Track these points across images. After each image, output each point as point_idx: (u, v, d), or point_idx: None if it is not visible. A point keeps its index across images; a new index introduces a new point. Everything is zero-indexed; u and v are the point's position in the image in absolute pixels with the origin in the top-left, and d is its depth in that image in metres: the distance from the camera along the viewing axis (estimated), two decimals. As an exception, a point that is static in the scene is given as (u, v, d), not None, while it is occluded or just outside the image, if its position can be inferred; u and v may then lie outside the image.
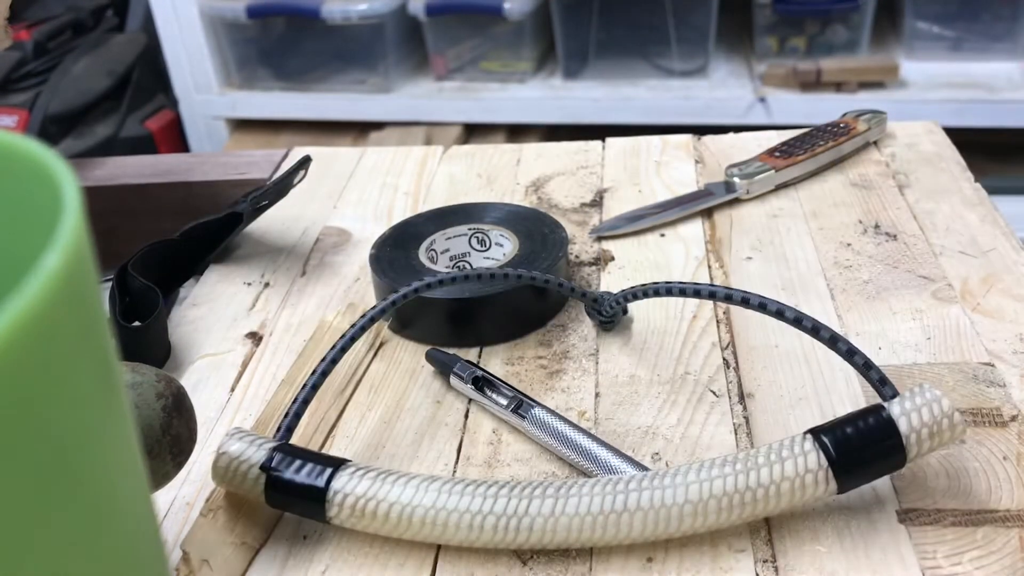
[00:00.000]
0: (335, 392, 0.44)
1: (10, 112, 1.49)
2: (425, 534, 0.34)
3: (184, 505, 0.38)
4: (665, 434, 0.39)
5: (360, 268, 0.54)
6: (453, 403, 0.43)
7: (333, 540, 0.36)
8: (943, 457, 0.37)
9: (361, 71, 1.53)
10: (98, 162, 0.67)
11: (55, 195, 0.18)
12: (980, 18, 1.38)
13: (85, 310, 0.17)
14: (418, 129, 1.52)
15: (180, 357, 0.48)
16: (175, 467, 0.33)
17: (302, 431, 0.41)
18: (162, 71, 1.64)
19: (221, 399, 0.44)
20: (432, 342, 0.46)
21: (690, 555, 0.34)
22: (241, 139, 1.62)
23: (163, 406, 0.32)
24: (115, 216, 0.64)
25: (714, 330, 0.46)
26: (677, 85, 1.44)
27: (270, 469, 0.35)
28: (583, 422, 0.41)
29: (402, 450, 0.40)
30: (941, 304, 0.46)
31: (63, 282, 0.16)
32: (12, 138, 0.19)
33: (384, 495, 0.34)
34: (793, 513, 0.35)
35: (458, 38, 1.50)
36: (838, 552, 0.33)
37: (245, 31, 1.54)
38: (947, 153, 0.60)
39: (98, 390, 0.18)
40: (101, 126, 1.56)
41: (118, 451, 0.19)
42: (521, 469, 0.39)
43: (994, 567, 0.32)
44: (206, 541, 0.36)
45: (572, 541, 0.33)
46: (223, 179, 0.64)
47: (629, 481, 0.33)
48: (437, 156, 0.67)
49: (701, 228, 0.55)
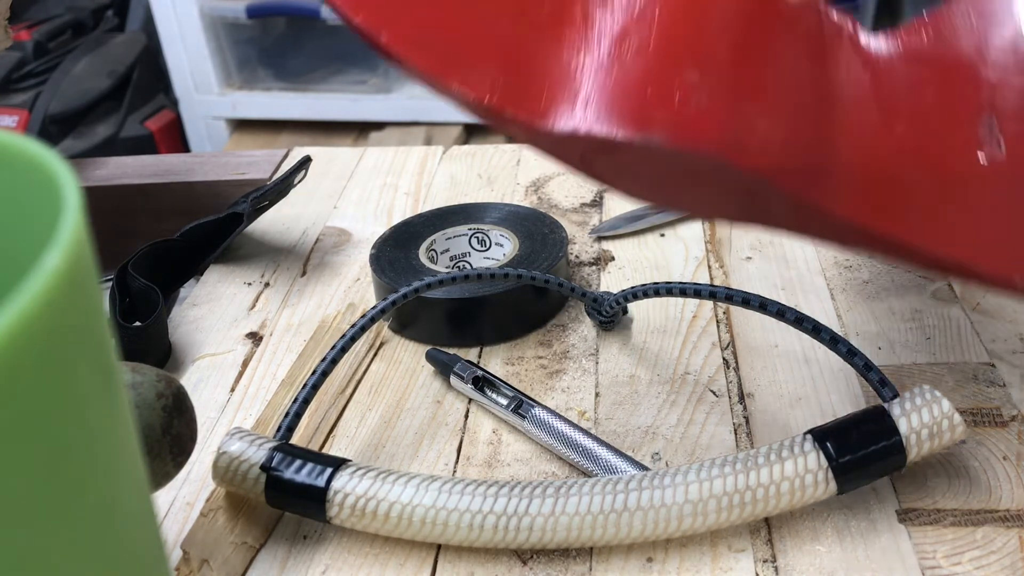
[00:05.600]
0: (335, 392, 0.44)
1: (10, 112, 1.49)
2: (425, 534, 0.34)
3: (184, 505, 0.38)
4: (665, 434, 0.39)
5: (360, 268, 0.54)
6: (453, 403, 0.43)
7: (333, 540, 0.36)
8: (943, 457, 0.37)
9: (361, 71, 1.53)
10: (98, 162, 0.67)
11: (55, 195, 0.18)
12: (980, 18, 1.38)
13: (85, 310, 0.17)
14: (418, 129, 1.53)
15: (180, 357, 0.48)
16: (175, 467, 0.33)
17: (302, 431, 0.41)
18: (162, 71, 1.64)
19: (221, 399, 0.44)
20: (432, 342, 0.46)
21: (690, 555, 0.34)
22: (241, 139, 1.62)
23: (163, 406, 0.32)
24: (115, 216, 0.64)
25: (714, 330, 0.46)
26: (677, 85, 1.43)
27: (270, 469, 0.35)
28: (583, 422, 0.41)
29: (402, 450, 0.40)
30: (941, 304, 0.46)
31: (63, 282, 0.16)
32: (12, 138, 0.19)
33: (384, 495, 0.34)
34: (793, 513, 0.35)
35: (458, 38, 1.50)
36: (838, 552, 0.33)
37: (245, 31, 1.54)
38: (947, 153, 0.60)
39: (98, 390, 0.18)
40: (101, 126, 1.56)
41: (118, 451, 0.19)
42: (521, 469, 0.39)
43: (994, 567, 0.32)
44: (206, 541, 0.36)
45: (572, 541, 0.33)
46: (223, 179, 0.64)
47: (629, 481, 0.33)
48: (437, 156, 0.67)
49: (701, 228, 0.55)
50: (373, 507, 0.34)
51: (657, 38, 0.28)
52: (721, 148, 0.27)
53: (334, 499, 0.34)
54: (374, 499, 0.34)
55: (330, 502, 0.34)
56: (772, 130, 0.28)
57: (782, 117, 0.28)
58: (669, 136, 0.27)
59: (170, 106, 1.65)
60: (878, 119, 0.30)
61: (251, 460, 0.35)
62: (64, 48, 1.60)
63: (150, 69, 1.64)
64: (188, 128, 1.65)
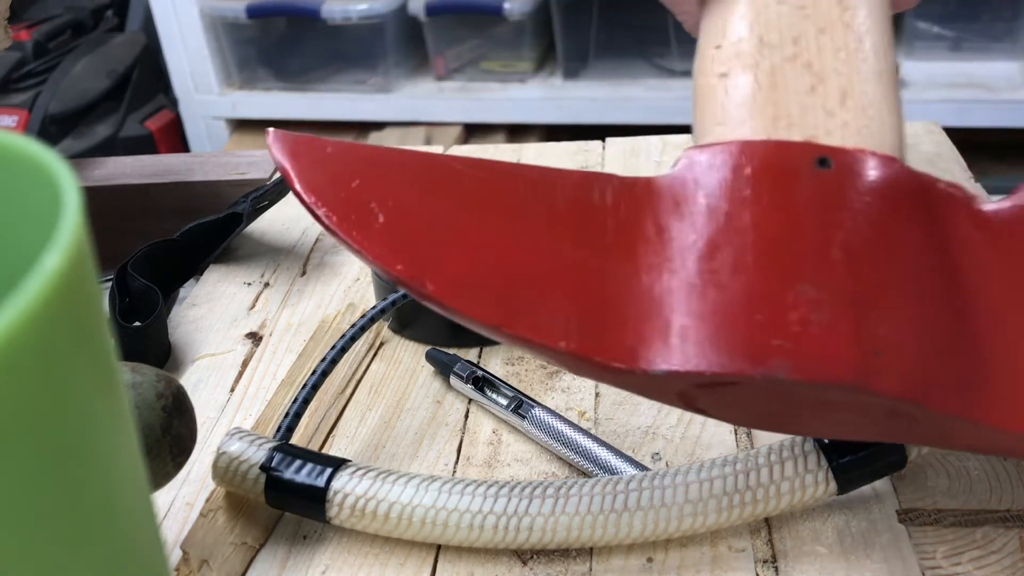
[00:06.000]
0: (335, 392, 0.44)
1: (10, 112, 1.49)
2: (425, 534, 0.34)
3: (184, 505, 0.38)
4: (665, 434, 0.39)
5: (360, 268, 0.54)
6: (453, 403, 0.43)
7: (333, 540, 0.36)
8: (943, 457, 0.37)
9: (361, 71, 1.53)
10: (98, 162, 0.67)
11: (55, 195, 0.18)
12: (980, 18, 1.38)
13: (85, 310, 0.17)
14: (418, 129, 1.52)
15: (180, 357, 0.48)
16: (175, 467, 0.33)
17: (302, 431, 0.41)
18: (162, 71, 1.64)
19: (221, 399, 0.44)
20: (432, 342, 0.46)
21: (690, 555, 0.34)
22: (241, 139, 1.62)
23: (163, 406, 0.32)
24: (115, 216, 0.63)
25: (714, 330, 0.46)
26: (677, 85, 1.44)
27: (270, 469, 0.35)
28: (583, 422, 0.41)
29: (402, 450, 0.40)
30: (941, 304, 0.46)
31: (63, 282, 0.16)
32: (12, 138, 0.19)
33: (384, 495, 0.34)
34: (793, 513, 0.35)
35: (458, 38, 1.50)
36: (838, 552, 0.33)
37: (245, 31, 1.54)
38: (947, 153, 0.60)
39: (98, 390, 0.18)
40: (101, 126, 1.56)
41: (118, 451, 0.19)
42: (521, 469, 0.39)
43: (994, 567, 0.32)
44: (206, 541, 0.36)
45: (572, 541, 0.33)
46: (223, 179, 0.64)
47: (629, 481, 0.33)
48: (437, 156, 0.67)
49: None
50: (373, 507, 0.34)
51: (756, 249, 0.24)
52: (858, 375, 0.23)
53: (334, 499, 0.34)
54: (374, 499, 0.34)
55: (330, 502, 0.34)
56: (911, 340, 0.24)
57: (918, 322, 0.24)
58: (793, 367, 0.23)
59: (170, 106, 1.65)
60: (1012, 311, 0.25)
61: (251, 460, 0.35)
62: (64, 48, 1.59)
63: (150, 69, 1.64)
64: (188, 128, 1.65)
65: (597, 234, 0.26)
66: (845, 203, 0.25)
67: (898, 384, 0.23)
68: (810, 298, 0.23)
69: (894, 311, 0.24)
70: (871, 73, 0.27)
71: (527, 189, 0.27)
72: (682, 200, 0.26)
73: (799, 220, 0.24)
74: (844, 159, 0.25)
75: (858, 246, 0.24)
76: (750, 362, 0.23)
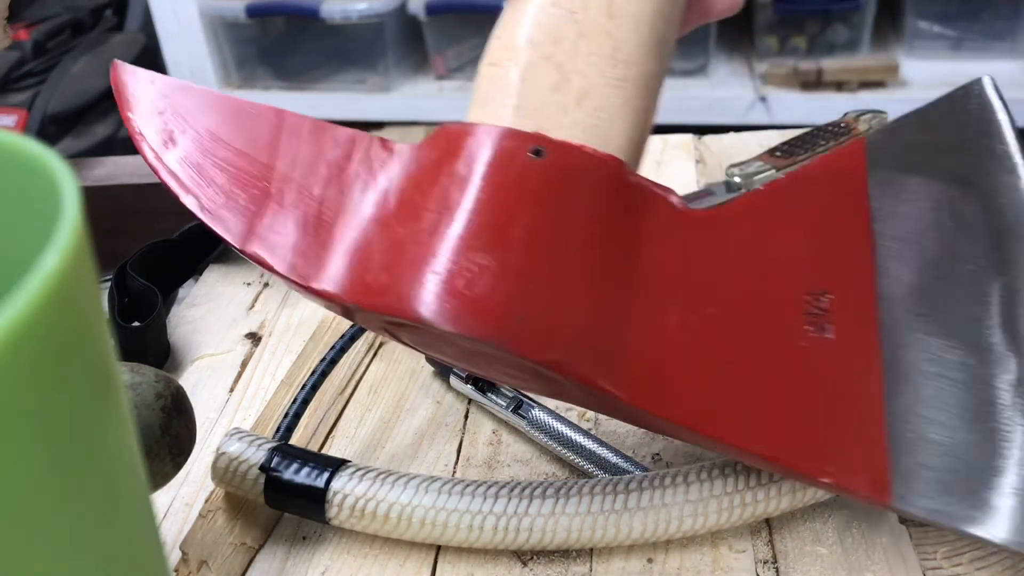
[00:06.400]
0: (335, 392, 0.43)
1: (9, 112, 1.49)
2: (425, 534, 0.34)
3: (184, 505, 0.38)
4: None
5: (360, 268, 0.54)
6: (453, 403, 0.43)
7: (333, 540, 0.36)
8: (944, 457, 0.37)
9: (361, 71, 1.53)
10: (98, 162, 0.67)
11: (54, 195, 0.18)
12: (981, 17, 1.38)
13: (84, 310, 0.17)
14: (418, 129, 1.52)
15: (179, 357, 0.48)
16: (174, 467, 0.33)
17: (302, 431, 0.41)
18: (161, 70, 1.64)
19: (220, 399, 0.44)
20: (432, 342, 0.46)
21: (690, 555, 0.34)
22: (241, 139, 1.61)
23: (162, 406, 0.32)
24: (115, 216, 0.63)
25: (714, 330, 0.46)
26: (677, 85, 1.44)
27: (270, 470, 0.35)
28: (583, 422, 0.40)
29: (402, 450, 0.40)
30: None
31: (62, 282, 0.16)
32: (11, 138, 0.19)
33: (384, 496, 0.34)
34: (793, 514, 0.35)
35: (458, 38, 1.50)
36: (839, 553, 0.33)
37: (245, 31, 1.54)
38: (947, 153, 0.60)
39: (97, 390, 0.18)
40: (100, 126, 1.56)
41: (117, 451, 0.19)
42: (521, 470, 0.39)
43: (994, 568, 0.32)
44: (205, 542, 0.35)
45: (572, 541, 0.33)
46: (223, 179, 0.63)
47: (629, 481, 0.33)
48: (437, 156, 0.67)
49: (701, 228, 0.55)
50: (373, 508, 0.34)
51: (455, 219, 0.28)
52: (498, 335, 0.27)
53: (333, 500, 0.34)
54: (374, 500, 0.34)
55: (329, 503, 0.34)
56: (559, 313, 0.27)
57: (572, 300, 0.27)
58: (446, 319, 0.27)
59: (169, 106, 1.65)
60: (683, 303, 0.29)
61: (250, 461, 0.35)
62: (63, 47, 1.59)
63: (149, 68, 1.64)
64: (187, 128, 1.65)
65: (348, 184, 0.30)
66: (543, 190, 0.28)
67: (533, 349, 0.27)
68: (481, 265, 0.27)
69: (551, 288, 0.27)
70: (615, 79, 0.30)
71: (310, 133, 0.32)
72: (417, 167, 0.30)
73: (498, 198, 0.28)
74: (560, 152, 0.28)
75: (540, 228, 0.28)
76: (412, 306, 0.27)
